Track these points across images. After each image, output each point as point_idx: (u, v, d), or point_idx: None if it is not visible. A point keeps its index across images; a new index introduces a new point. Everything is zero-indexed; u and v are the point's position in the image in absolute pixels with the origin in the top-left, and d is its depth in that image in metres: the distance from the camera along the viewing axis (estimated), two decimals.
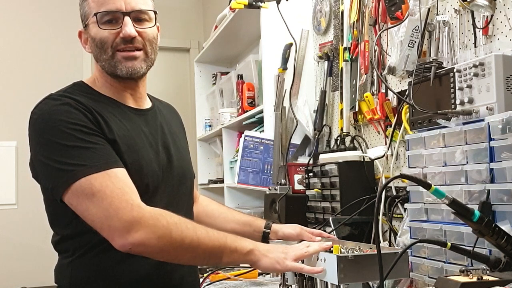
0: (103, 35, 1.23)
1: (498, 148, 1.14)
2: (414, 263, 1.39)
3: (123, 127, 1.24)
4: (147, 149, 1.27)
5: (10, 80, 4.37)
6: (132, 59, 1.25)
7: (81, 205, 1.12)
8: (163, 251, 1.12)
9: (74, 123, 1.15)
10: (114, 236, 1.10)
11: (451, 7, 1.54)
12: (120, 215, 1.08)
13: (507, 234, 1.04)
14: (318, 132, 2.23)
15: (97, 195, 1.09)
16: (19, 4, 4.43)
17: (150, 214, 1.11)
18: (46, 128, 1.15)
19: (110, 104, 1.27)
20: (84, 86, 1.30)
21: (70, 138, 1.13)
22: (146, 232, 1.08)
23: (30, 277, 4.20)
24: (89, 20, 1.25)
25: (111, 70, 1.26)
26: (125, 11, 1.23)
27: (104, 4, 1.23)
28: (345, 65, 2.07)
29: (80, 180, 1.10)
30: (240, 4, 2.25)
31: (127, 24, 1.22)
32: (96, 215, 1.10)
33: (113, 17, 1.23)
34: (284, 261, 1.18)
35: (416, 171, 1.39)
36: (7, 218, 4.25)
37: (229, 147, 3.07)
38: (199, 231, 1.14)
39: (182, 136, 1.48)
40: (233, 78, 3.02)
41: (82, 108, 1.18)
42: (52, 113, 1.17)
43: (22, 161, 4.32)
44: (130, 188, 1.13)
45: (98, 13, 1.22)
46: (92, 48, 1.28)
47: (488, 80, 1.22)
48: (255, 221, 1.54)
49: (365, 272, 1.13)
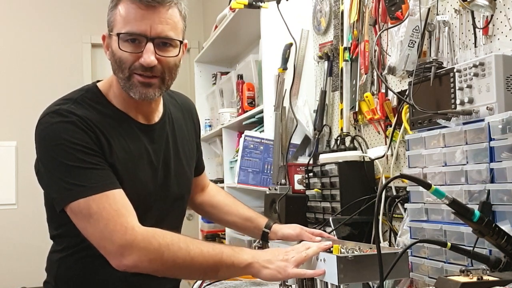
0: (122, 55, 1.20)
1: (498, 148, 1.14)
2: (414, 263, 1.39)
3: (126, 148, 1.26)
4: (146, 170, 1.30)
5: (10, 80, 4.38)
6: (148, 85, 1.22)
7: (79, 223, 1.17)
8: (157, 271, 1.16)
9: (76, 143, 1.17)
10: (109, 257, 1.14)
11: (451, 7, 1.54)
12: (114, 238, 1.12)
13: (507, 234, 1.04)
14: (318, 132, 2.22)
15: (94, 217, 1.13)
16: (19, 4, 4.43)
17: (142, 237, 1.13)
18: (50, 144, 1.18)
19: (117, 120, 1.27)
20: (97, 94, 1.28)
21: (71, 158, 1.16)
22: (138, 256, 1.12)
23: (30, 277, 4.19)
24: (113, 32, 1.21)
25: (125, 89, 1.24)
26: (149, 36, 1.17)
27: (129, 24, 1.17)
28: (345, 65, 2.07)
29: (79, 201, 1.14)
30: (240, 4, 2.25)
31: (147, 51, 1.17)
32: (93, 235, 1.15)
33: (136, 39, 1.18)
34: (286, 269, 1.17)
35: (416, 171, 1.39)
36: (7, 218, 4.25)
37: (229, 147, 3.07)
38: (193, 250, 1.15)
39: (190, 144, 1.47)
40: (233, 78, 3.02)
41: (86, 127, 1.19)
42: (57, 130, 1.18)
43: (22, 161, 4.32)
44: (127, 209, 1.16)
45: (121, 33, 1.18)
46: (110, 60, 1.25)
47: (488, 80, 1.22)
48: (257, 218, 1.55)
49: (365, 272, 1.13)
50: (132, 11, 1.17)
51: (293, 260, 1.18)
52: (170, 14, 1.19)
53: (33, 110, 4.67)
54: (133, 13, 1.17)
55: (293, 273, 1.18)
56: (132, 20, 1.17)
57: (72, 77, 4.48)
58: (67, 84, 4.58)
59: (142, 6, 1.16)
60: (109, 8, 1.23)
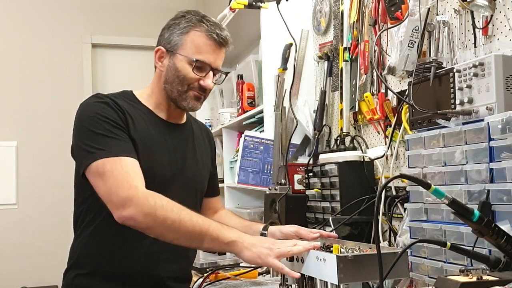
0: (189, 75, 1.45)
1: (498, 148, 1.14)
2: (414, 263, 1.39)
3: (147, 131, 1.45)
4: (163, 154, 1.47)
5: (10, 80, 4.38)
6: (198, 99, 1.49)
7: (94, 182, 1.33)
8: (149, 228, 1.29)
9: (105, 116, 1.37)
10: (112, 209, 1.29)
11: (450, 7, 1.54)
12: (119, 192, 1.28)
13: (507, 234, 1.04)
14: (318, 132, 2.23)
15: (106, 174, 1.30)
16: (20, 5, 4.43)
17: (142, 194, 1.28)
18: (84, 117, 1.39)
19: (145, 112, 1.49)
20: (130, 95, 1.52)
21: (98, 127, 1.35)
22: (135, 209, 1.26)
23: (30, 277, 4.20)
24: (180, 53, 1.45)
25: (175, 98, 1.48)
26: (213, 67, 1.47)
27: (203, 54, 1.45)
28: (345, 65, 2.07)
29: (97, 161, 1.31)
30: (240, 4, 2.25)
31: (210, 77, 1.47)
32: (103, 190, 1.31)
33: (202, 66, 1.46)
34: (267, 256, 1.23)
35: (415, 171, 1.39)
36: (7, 218, 4.25)
37: (229, 147, 3.07)
38: (183, 214, 1.28)
39: (206, 155, 1.66)
40: (233, 78, 3.02)
41: (117, 108, 1.41)
42: (92, 106, 1.40)
43: (23, 161, 4.32)
44: (136, 173, 1.32)
45: (198, 60, 1.44)
46: (169, 74, 1.47)
47: (487, 80, 1.22)
48: (255, 224, 1.61)
49: (364, 272, 1.13)
50: (207, 45, 1.46)
51: (277, 251, 1.23)
52: (225, 54, 1.53)
53: (33, 110, 4.71)
54: (207, 48, 1.46)
55: (272, 262, 1.22)
56: (205, 52, 1.46)
57: (72, 77, 4.48)
58: (67, 84, 4.63)
59: (217, 45, 1.47)
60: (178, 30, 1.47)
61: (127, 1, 4.67)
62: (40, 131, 4.39)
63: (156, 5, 4.64)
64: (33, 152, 4.34)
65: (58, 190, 4.24)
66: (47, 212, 4.26)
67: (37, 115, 4.40)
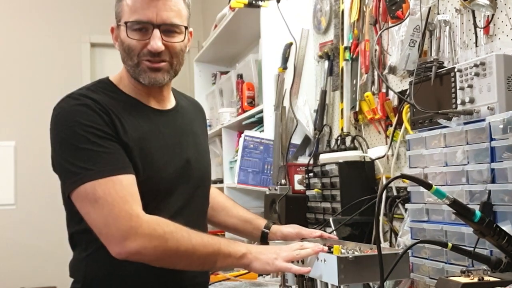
0: (131, 43, 1.25)
1: (499, 148, 1.14)
2: (415, 264, 1.38)
3: (139, 129, 1.26)
4: (163, 151, 1.29)
5: (9, 80, 4.37)
6: (156, 70, 1.26)
7: (83, 208, 1.17)
8: (159, 259, 1.17)
9: (88, 125, 1.18)
10: (111, 244, 1.14)
11: (452, 6, 1.53)
12: (118, 224, 1.12)
13: (508, 235, 1.03)
14: (318, 132, 2.22)
15: (99, 202, 1.13)
16: (19, 4, 4.43)
17: (148, 224, 1.14)
18: (63, 127, 1.19)
19: (131, 104, 1.29)
20: (109, 84, 1.32)
21: (82, 140, 1.17)
22: (142, 242, 1.12)
23: (30, 277, 4.20)
24: (121, 22, 1.27)
25: (135, 76, 1.28)
26: (155, 23, 1.23)
27: (136, 13, 1.23)
28: (346, 65, 2.06)
29: (85, 185, 1.14)
30: (240, 3, 2.25)
31: (154, 38, 1.23)
32: (96, 220, 1.15)
33: (143, 27, 1.24)
34: (274, 261, 1.20)
35: (417, 171, 1.38)
36: (6, 218, 4.25)
37: (229, 147, 3.06)
38: (194, 239, 1.17)
39: (203, 136, 1.49)
40: (233, 77, 3.01)
41: (100, 109, 1.21)
42: (70, 112, 1.20)
43: (21, 161, 4.32)
44: (133, 196, 1.16)
45: (129, 22, 1.23)
46: (119, 50, 1.30)
47: (489, 79, 1.22)
48: (256, 220, 1.56)
49: (365, 272, 1.13)
50: (138, 0, 1.22)
51: (284, 255, 1.21)
52: (175, 2, 1.25)
53: (32, 110, 4.70)
54: (139, 2, 1.22)
55: (280, 266, 1.20)
56: (139, 9, 1.22)
57: (71, 77, 4.47)
58: (66, 83, 4.58)
59: None
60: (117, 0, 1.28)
61: None
62: (39, 131, 4.36)
63: None
64: (31, 152, 4.33)
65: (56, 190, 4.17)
66: (45, 212, 4.25)
67: (35, 115, 4.39)
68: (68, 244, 1.36)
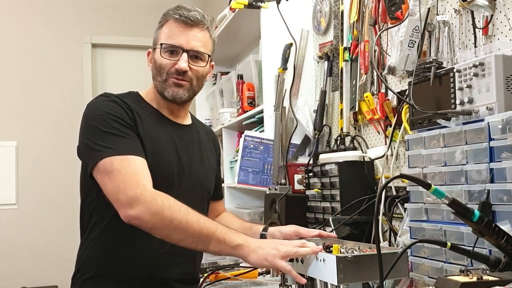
0: (162, 62, 1.46)
1: (498, 148, 1.14)
2: (414, 263, 1.39)
3: (154, 130, 1.46)
4: (170, 154, 1.47)
5: (10, 80, 4.37)
6: (179, 86, 1.47)
7: (102, 180, 1.32)
8: (155, 228, 1.27)
9: (114, 115, 1.38)
10: (119, 208, 1.28)
11: (451, 7, 1.54)
12: (126, 190, 1.26)
13: (507, 234, 1.04)
14: (318, 132, 2.22)
15: (114, 173, 1.29)
16: (19, 5, 4.43)
17: (150, 193, 1.27)
18: (93, 116, 1.39)
19: (152, 112, 1.50)
20: (137, 95, 1.53)
21: (107, 125, 1.36)
22: (142, 208, 1.25)
23: (30, 277, 4.20)
24: (157, 46, 1.48)
25: (161, 90, 1.49)
26: (184, 48, 1.45)
27: (171, 38, 1.46)
28: (345, 65, 2.07)
29: (105, 159, 1.31)
30: (240, 4, 2.25)
31: (182, 59, 1.45)
32: (111, 188, 1.30)
33: (174, 50, 1.46)
34: (274, 258, 1.22)
35: (416, 171, 1.39)
36: (7, 218, 4.25)
37: (229, 147, 3.07)
38: (190, 216, 1.27)
39: (212, 158, 1.66)
40: (233, 78, 3.02)
41: (125, 107, 1.42)
42: (100, 105, 1.41)
43: (22, 161, 4.32)
44: (144, 172, 1.32)
45: (164, 44, 1.46)
46: (152, 69, 1.51)
47: (488, 80, 1.22)
48: (255, 226, 1.61)
49: (364, 272, 1.13)
50: (174, 28, 1.47)
51: (283, 252, 1.22)
52: (203, 35, 1.49)
53: (33, 110, 4.70)
54: (175, 31, 1.46)
55: (279, 264, 1.22)
56: (174, 36, 1.46)
57: (72, 77, 4.48)
58: (67, 84, 4.63)
59: (182, 25, 1.46)
60: (156, 29, 1.51)
61: (127, 1, 4.66)
62: (40, 131, 4.39)
63: (156, 5, 4.62)
64: (33, 152, 4.34)
65: (58, 190, 4.25)
66: (47, 212, 4.26)
67: (37, 115, 4.40)
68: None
